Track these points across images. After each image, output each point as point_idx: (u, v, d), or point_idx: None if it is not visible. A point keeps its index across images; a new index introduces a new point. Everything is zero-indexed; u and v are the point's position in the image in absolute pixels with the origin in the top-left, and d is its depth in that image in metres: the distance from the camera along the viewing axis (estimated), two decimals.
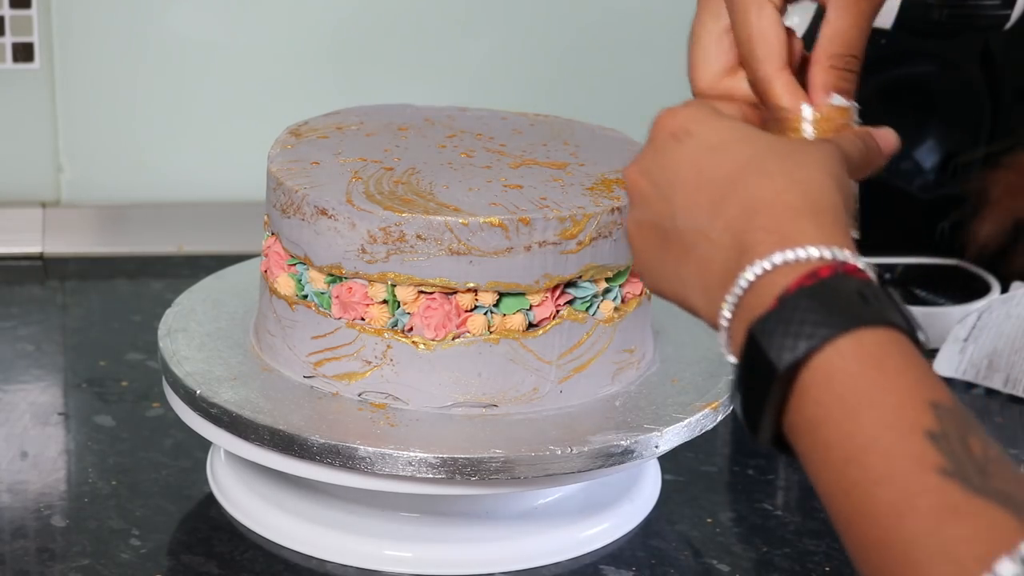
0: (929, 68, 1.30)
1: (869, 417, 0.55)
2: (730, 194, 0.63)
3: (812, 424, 0.57)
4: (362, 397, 0.91)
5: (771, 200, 0.62)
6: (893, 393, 0.56)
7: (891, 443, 0.54)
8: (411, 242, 0.88)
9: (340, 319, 0.91)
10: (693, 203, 0.65)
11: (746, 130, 0.67)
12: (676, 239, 0.66)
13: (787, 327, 0.58)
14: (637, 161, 0.69)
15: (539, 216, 0.88)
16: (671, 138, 0.67)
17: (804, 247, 0.59)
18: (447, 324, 0.89)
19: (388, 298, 0.89)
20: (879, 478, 0.54)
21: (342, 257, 0.90)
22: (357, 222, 0.89)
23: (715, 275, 0.63)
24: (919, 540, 0.52)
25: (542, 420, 0.91)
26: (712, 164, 0.65)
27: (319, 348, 0.92)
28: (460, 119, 1.04)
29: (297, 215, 0.91)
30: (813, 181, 0.63)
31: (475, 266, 0.88)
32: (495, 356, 0.90)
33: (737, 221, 0.62)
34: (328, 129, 1.00)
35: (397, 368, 0.90)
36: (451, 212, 0.88)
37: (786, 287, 0.59)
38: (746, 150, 0.65)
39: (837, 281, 0.58)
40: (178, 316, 1.01)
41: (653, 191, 0.67)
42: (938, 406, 0.55)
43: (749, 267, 0.60)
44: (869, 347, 0.57)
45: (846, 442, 0.56)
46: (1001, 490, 0.52)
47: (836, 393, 0.56)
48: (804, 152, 0.65)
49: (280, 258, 0.94)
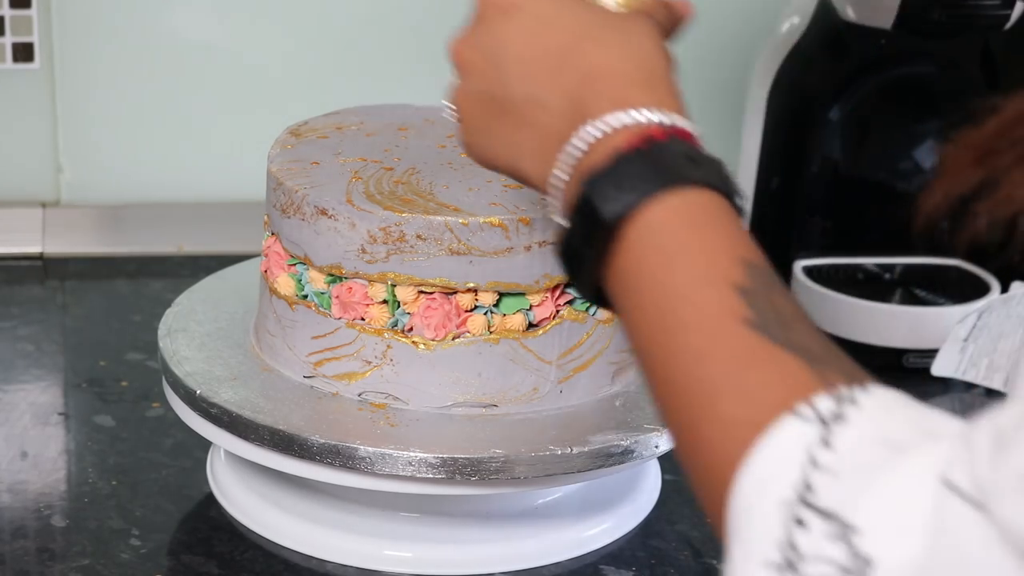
0: (929, 68, 1.30)
1: (683, 268, 0.59)
2: (567, 63, 0.67)
3: (630, 273, 0.60)
4: (362, 397, 0.91)
5: (608, 68, 0.66)
6: (708, 248, 0.59)
7: (701, 293, 0.58)
8: (411, 242, 0.88)
9: (340, 319, 0.91)
10: (527, 72, 0.68)
11: (573, 3, 0.70)
12: (510, 108, 0.69)
13: (619, 182, 0.61)
14: (465, 35, 0.73)
15: (539, 216, 0.89)
16: (499, 11, 0.71)
17: (639, 110, 0.63)
18: (447, 324, 0.89)
19: (388, 298, 0.89)
20: (687, 325, 0.57)
21: (342, 257, 0.90)
22: (357, 222, 0.89)
23: (551, 140, 0.66)
24: (720, 382, 0.55)
25: (542, 420, 0.91)
26: (545, 35, 0.68)
27: (319, 348, 0.92)
28: None
29: (297, 215, 0.91)
30: (646, 51, 0.67)
31: (475, 266, 0.88)
32: (495, 356, 0.90)
33: (575, 88, 0.66)
34: (328, 129, 1.00)
35: (397, 368, 0.90)
36: (451, 212, 0.88)
37: (618, 147, 0.62)
38: (578, 21, 0.68)
39: (669, 144, 0.62)
40: (178, 316, 1.01)
41: (484, 62, 0.70)
42: (749, 264, 0.58)
43: (583, 127, 0.64)
44: (690, 205, 0.60)
45: (660, 290, 0.59)
46: (800, 343, 0.55)
47: (655, 244, 0.59)
48: (633, 24, 0.69)
49: (280, 258, 0.94)
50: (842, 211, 1.32)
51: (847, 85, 1.29)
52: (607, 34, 0.67)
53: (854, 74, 1.29)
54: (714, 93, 1.51)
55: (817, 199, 1.31)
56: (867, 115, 1.30)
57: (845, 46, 1.29)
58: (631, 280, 0.60)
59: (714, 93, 1.51)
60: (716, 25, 1.50)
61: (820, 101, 1.29)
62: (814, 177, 1.31)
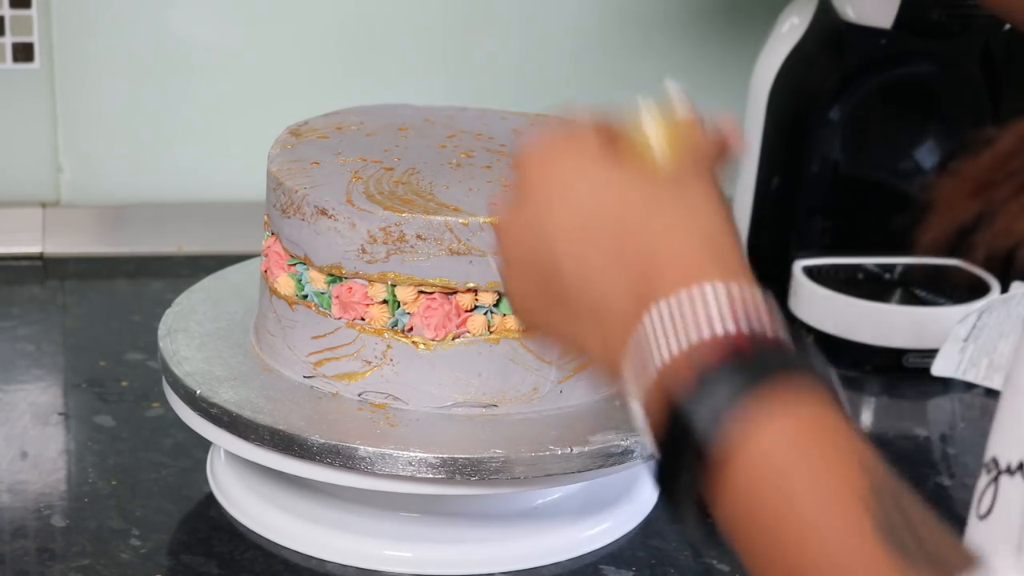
0: (929, 68, 1.30)
1: (802, 490, 0.55)
2: (626, 244, 0.62)
3: (739, 496, 0.56)
4: (362, 397, 0.91)
5: (669, 243, 0.61)
6: (825, 463, 0.55)
7: (825, 514, 0.54)
8: (411, 242, 0.88)
9: (340, 319, 0.91)
10: (580, 252, 0.63)
11: (622, 171, 0.64)
12: (566, 292, 0.64)
13: (714, 402, 0.56)
14: (511, 211, 0.66)
15: None
16: (543, 192, 0.65)
17: (712, 283, 0.58)
18: (447, 324, 0.89)
19: (388, 298, 0.89)
20: (813, 550, 0.54)
21: (342, 257, 0.90)
22: (357, 222, 0.89)
23: (615, 325, 0.61)
24: None
25: (542, 420, 0.91)
26: (597, 211, 0.63)
27: (319, 348, 0.92)
28: (460, 119, 1.04)
29: (297, 215, 0.91)
30: (707, 220, 0.62)
31: (475, 266, 0.88)
32: (495, 356, 0.90)
33: (637, 270, 0.61)
34: (328, 129, 1.00)
35: (397, 368, 0.90)
36: (451, 212, 0.88)
37: (707, 362, 0.57)
38: (631, 195, 0.63)
39: (758, 355, 0.57)
40: (178, 316, 1.01)
41: (533, 241, 0.65)
42: (870, 470, 0.55)
43: (652, 308, 0.59)
44: (798, 418, 0.56)
45: (777, 514, 0.55)
46: (930, 551, 0.52)
47: (766, 467, 0.55)
48: (690, 190, 0.64)
49: (280, 258, 0.94)
50: (842, 211, 1.32)
51: (847, 85, 1.29)
52: (665, 209, 0.62)
53: (854, 74, 1.29)
54: (714, 93, 1.51)
55: (817, 199, 1.31)
56: (867, 115, 1.30)
57: (845, 46, 1.29)
58: (740, 503, 0.56)
59: (714, 93, 1.51)
60: (716, 25, 1.50)
61: (820, 101, 1.29)
62: (814, 177, 1.31)
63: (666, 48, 1.51)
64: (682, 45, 1.51)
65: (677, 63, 1.52)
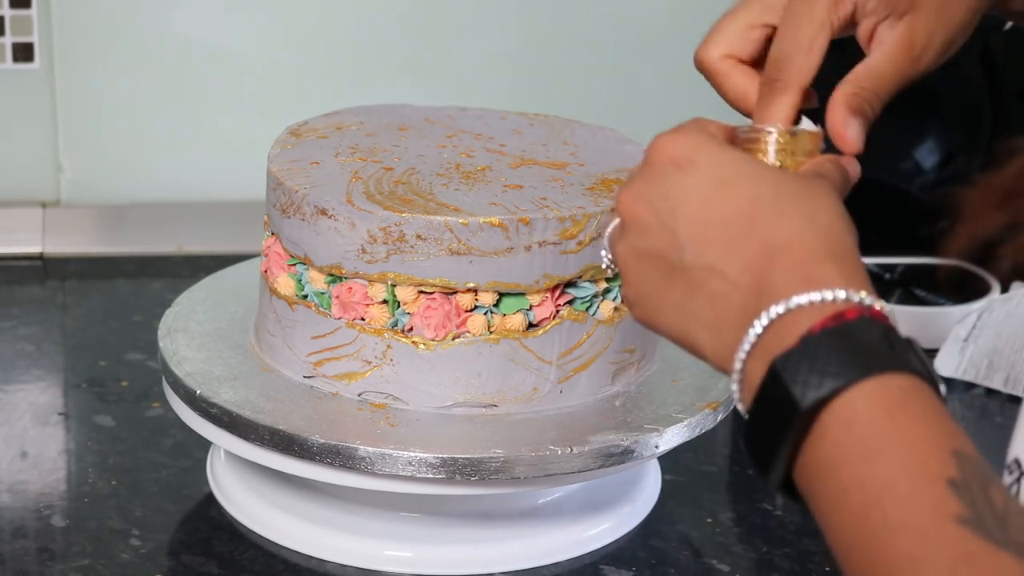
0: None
1: (889, 462, 0.55)
2: (747, 233, 0.62)
3: (829, 466, 0.56)
4: (362, 397, 0.91)
5: (792, 241, 0.61)
6: (914, 439, 0.55)
7: (911, 490, 0.54)
8: (411, 242, 0.88)
9: (340, 319, 0.91)
10: (704, 238, 0.63)
11: (751, 164, 0.65)
12: (683, 273, 0.63)
13: (812, 365, 0.57)
14: (634, 186, 0.66)
15: (539, 216, 0.89)
16: (673, 166, 0.65)
17: (829, 289, 0.59)
18: (447, 324, 0.89)
19: (388, 298, 0.89)
20: (897, 525, 0.54)
21: (342, 257, 0.90)
22: (357, 222, 0.89)
23: (731, 314, 0.61)
24: None
25: (542, 420, 0.91)
26: (723, 199, 0.63)
27: (319, 348, 0.92)
28: (460, 119, 1.04)
29: (297, 215, 0.91)
30: (829, 223, 0.63)
31: (475, 266, 0.88)
32: (495, 356, 0.90)
33: (757, 261, 0.61)
34: (328, 129, 1.00)
35: (397, 368, 0.90)
36: (451, 212, 0.88)
37: (810, 327, 0.58)
38: (758, 186, 0.63)
39: (862, 324, 0.58)
40: (178, 316, 1.01)
41: (655, 220, 0.65)
42: (960, 455, 0.55)
43: (773, 306, 0.59)
44: (892, 392, 0.56)
45: (863, 486, 0.55)
46: (1020, 542, 0.52)
47: (857, 436, 0.55)
48: (815, 190, 0.65)
49: (280, 258, 0.94)
50: None
51: None
52: (789, 203, 0.63)
53: None
54: (714, 93, 1.51)
55: None
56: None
57: (845, 46, 1.28)
58: (828, 474, 0.56)
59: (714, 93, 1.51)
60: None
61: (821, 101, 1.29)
62: None
63: (666, 48, 1.51)
64: (682, 45, 1.51)
65: (677, 63, 1.52)
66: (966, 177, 1.31)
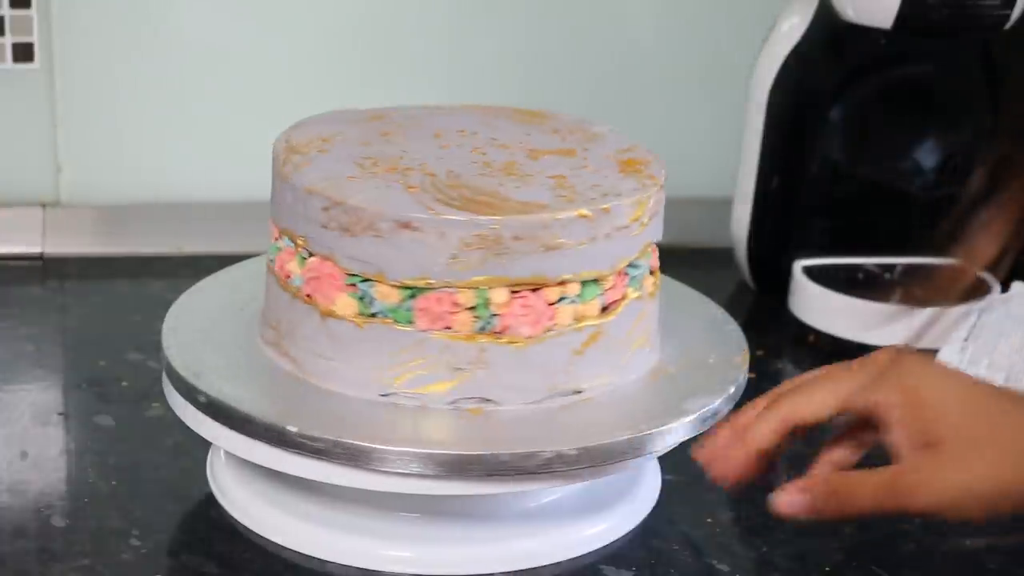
0: (929, 68, 1.30)
1: None
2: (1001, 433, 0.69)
3: None
4: (455, 405, 0.91)
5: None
6: None
7: None
8: (507, 244, 0.87)
9: (426, 330, 0.89)
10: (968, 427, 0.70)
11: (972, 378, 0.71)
12: None
13: None
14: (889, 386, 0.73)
15: (616, 204, 0.90)
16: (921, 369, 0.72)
17: None
18: (540, 320, 0.90)
19: (479, 302, 0.89)
20: None
21: (428, 268, 0.88)
22: (447, 231, 0.87)
23: None
24: None
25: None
26: (981, 399, 0.71)
27: (398, 363, 0.91)
28: (422, 118, 1.02)
29: (368, 232, 0.88)
30: None
31: (566, 259, 0.89)
32: (580, 343, 0.91)
33: None
34: (316, 142, 0.96)
35: (490, 371, 0.90)
36: (539, 209, 0.88)
37: None
38: (999, 395, 0.70)
39: None
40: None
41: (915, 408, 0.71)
42: None
43: None
44: None
45: None
46: None
47: None
48: None
49: (335, 279, 0.91)
50: (842, 211, 1.32)
51: (847, 85, 1.29)
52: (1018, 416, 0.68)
53: (854, 74, 1.29)
54: (714, 93, 1.52)
55: (817, 199, 1.31)
56: (867, 115, 1.30)
57: (845, 46, 1.29)
58: None
59: (714, 93, 1.52)
60: (716, 25, 1.50)
61: (820, 101, 1.29)
62: (814, 177, 1.31)
63: (666, 48, 1.51)
64: (682, 45, 1.51)
65: (677, 63, 1.52)
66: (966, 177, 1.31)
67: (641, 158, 0.97)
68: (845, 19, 1.25)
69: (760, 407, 0.80)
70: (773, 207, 1.32)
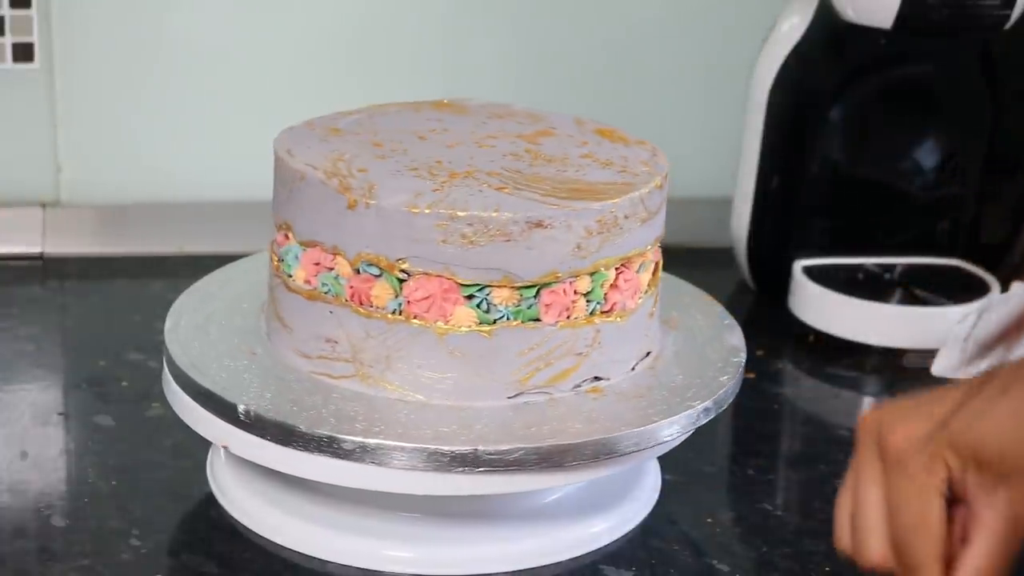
0: (929, 68, 1.30)
1: None
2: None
3: None
4: (577, 391, 0.92)
5: None
6: None
7: None
8: (621, 224, 0.91)
9: (554, 323, 0.90)
10: None
11: None
12: None
13: None
14: None
15: (661, 174, 0.95)
16: None
17: None
18: (638, 291, 0.94)
19: (593, 285, 0.91)
20: None
21: (558, 263, 0.89)
22: (573, 222, 0.89)
23: None
24: None
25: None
26: None
27: (526, 362, 0.90)
28: (405, 119, 1.01)
29: (498, 238, 0.87)
30: None
31: (651, 229, 0.94)
32: (651, 306, 0.96)
33: None
34: (330, 160, 0.93)
35: (603, 349, 0.92)
36: (627, 188, 0.92)
37: None
38: None
39: None
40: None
41: None
42: None
43: None
44: None
45: None
46: None
47: None
48: None
49: (452, 292, 0.89)
50: (842, 211, 1.32)
51: (847, 85, 1.29)
52: None
53: (854, 74, 1.29)
54: (714, 93, 1.52)
55: (817, 199, 1.31)
56: (867, 115, 1.30)
57: (845, 46, 1.29)
58: None
59: (714, 93, 1.52)
60: (716, 25, 1.50)
61: (820, 101, 1.29)
62: (814, 177, 1.31)
63: (666, 48, 1.51)
64: (682, 45, 1.52)
65: (677, 63, 1.52)
66: (966, 177, 1.31)
67: (613, 128, 1.02)
68: (845, 19, 1.25)
69: None
70: (773, 207, 1.32)
